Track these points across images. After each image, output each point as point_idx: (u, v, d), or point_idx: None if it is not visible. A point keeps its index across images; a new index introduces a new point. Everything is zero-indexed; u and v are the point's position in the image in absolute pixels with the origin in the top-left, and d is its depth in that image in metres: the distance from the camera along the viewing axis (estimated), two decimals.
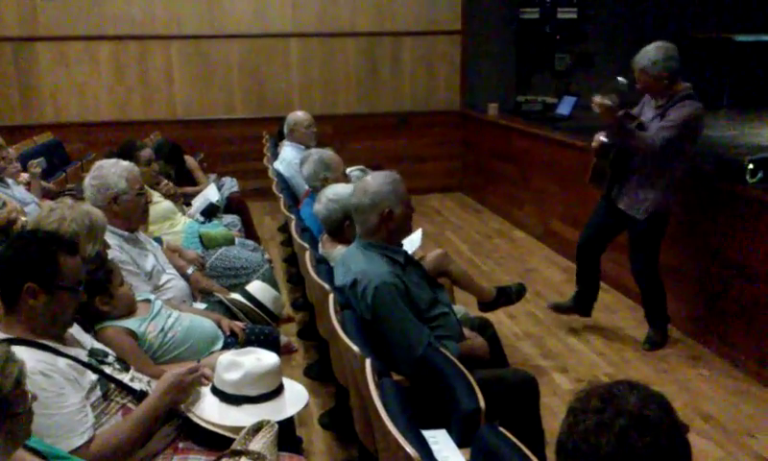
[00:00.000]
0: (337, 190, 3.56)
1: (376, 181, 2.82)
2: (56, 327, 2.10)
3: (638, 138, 3.83)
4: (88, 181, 3.22)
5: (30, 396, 1.57)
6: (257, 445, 1.87)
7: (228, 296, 3.34)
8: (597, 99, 3.76)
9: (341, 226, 3.49)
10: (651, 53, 3.86)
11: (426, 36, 8.39)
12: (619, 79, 4.05)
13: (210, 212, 4.87)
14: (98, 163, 3.31)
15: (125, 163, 3.30)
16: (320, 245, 3.64)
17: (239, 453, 1.86)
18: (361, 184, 2.85)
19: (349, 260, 2.86)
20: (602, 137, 4.02)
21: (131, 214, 3.22)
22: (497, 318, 4.09)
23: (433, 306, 2.79)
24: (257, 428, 1.93)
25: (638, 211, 3.98)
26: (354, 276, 2.74)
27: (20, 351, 1.79)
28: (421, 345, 2.61)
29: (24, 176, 5.12)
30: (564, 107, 7.25)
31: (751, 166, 3.88)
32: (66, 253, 2.09)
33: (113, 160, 3.31)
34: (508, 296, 3.77)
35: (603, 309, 4.71)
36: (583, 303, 4.47)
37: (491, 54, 8.40)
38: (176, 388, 2.16)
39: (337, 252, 3.45)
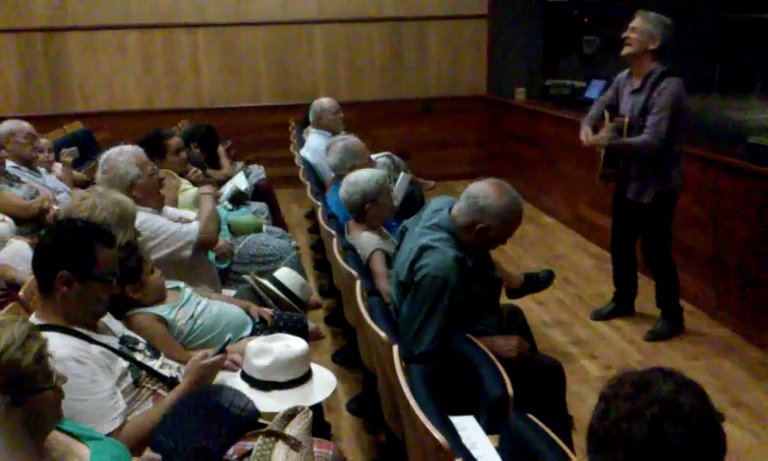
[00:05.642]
0: (356, 175, 3.58)
1: (501, 198, 2.67)
2: (88, 316, 2.13)
3: (637, 148, 3.86)
4: (100, 175, 3.19)
5: (55, 375, 1.59)
6: (294, 430, 1.88)
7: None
8: (589, 140, 4.02)
9: (362, 209, 3.51)
10: (652, 15, 3.87)
11: (452, 21, 8.33)
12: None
13: (238, 200, 4.91)
14: (104, 156, 3.25)
15: (129, 148, 3.26)
16: (345, 232, 3.65)
17: (275, 434, 1.87)
18: (488, 187, 2.70)
19: (428, 228, 2.77)
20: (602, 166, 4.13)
21: (150, 195, 3.23)
22: (526, 305, 4.05)
23: (482, 309, 2.78)
24: (292, 414, 1.94)
25: (645, 196, 3.97)
26: (420, 250, 2.67)
27: (54, 338, 1.82)
28: (427, 345, 2.60)
29: (58, 166, 5.19)
30: (593, 91, 7.15)
31: None
32: (103, 243, 2.12)
33: (117, 149, 3.26)
34: (536, 283, 3.74)
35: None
36: (623, 303, 4.46)
37: (517, 38, 8.31)
38: (204, 372, 2.19)
39: (362, 238, 3.46)
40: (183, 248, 3.18)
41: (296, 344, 2.27)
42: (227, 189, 5.05)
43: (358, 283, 2.69)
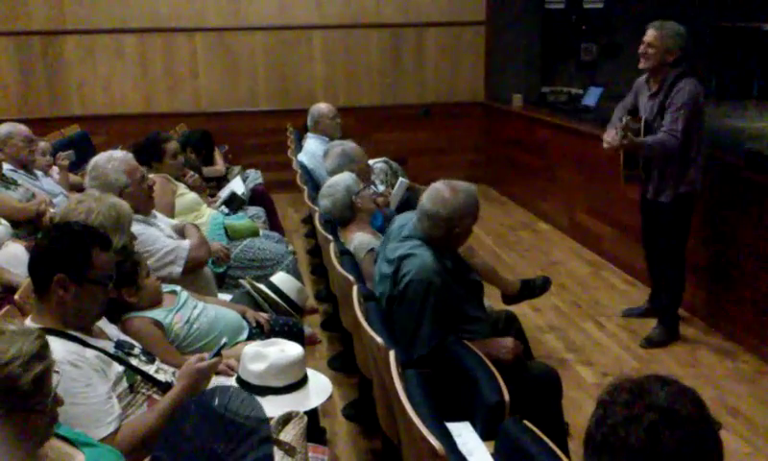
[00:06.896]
0: (331, 181, 3.72)
1: (458, 198, 2.77)
2: (84, 319, 2.12)
3: (654, 147, 3.89)
4: (89, 182, 3.17)
5: (53, 397, 1.58)
6: (288, 436, 1.87)
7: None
8: (607, 141, 4.00)
9: (351, 207, 3.57)
10: (667, 27, 3.86)
11: (450, 27, 8.35)
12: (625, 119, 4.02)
13: (235, 204, 4.91)
14: (92, 162, 3.23)
15: (118, 155, 3.24)
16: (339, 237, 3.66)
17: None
18: (441, 194, 2.79)
19: (400, 241, 2.83)
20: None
21: (139, 203, 3.21)
22: (522, 311, 4.07)
23: (467, 309, 2.79)
24: (286, 419, 1.93)
25: (664, 196, 3.98)
26: (399, 260, 2.74)
27: (50, 341, 1.81)
28: (425, 347, 2.62)
29: (55, 169, 5.19)
30: (591, 98, 7.17)
31: None
32: (100, 247, 2.11)
33: (106, 155, 3.24)
34: (532, 289, 3.74)
35: (629, 303, 4.67)
36: (657, 300, 4.40)
37: (515, 44, 8.32)
38: (198, 376, 2.18)
39: (356, 239, 3.47)
40: (173, 262, 3.14)
41: (292, 349, 2.26)
42: (224, 193, 5.05)
43: (355, 288, 2.69)
